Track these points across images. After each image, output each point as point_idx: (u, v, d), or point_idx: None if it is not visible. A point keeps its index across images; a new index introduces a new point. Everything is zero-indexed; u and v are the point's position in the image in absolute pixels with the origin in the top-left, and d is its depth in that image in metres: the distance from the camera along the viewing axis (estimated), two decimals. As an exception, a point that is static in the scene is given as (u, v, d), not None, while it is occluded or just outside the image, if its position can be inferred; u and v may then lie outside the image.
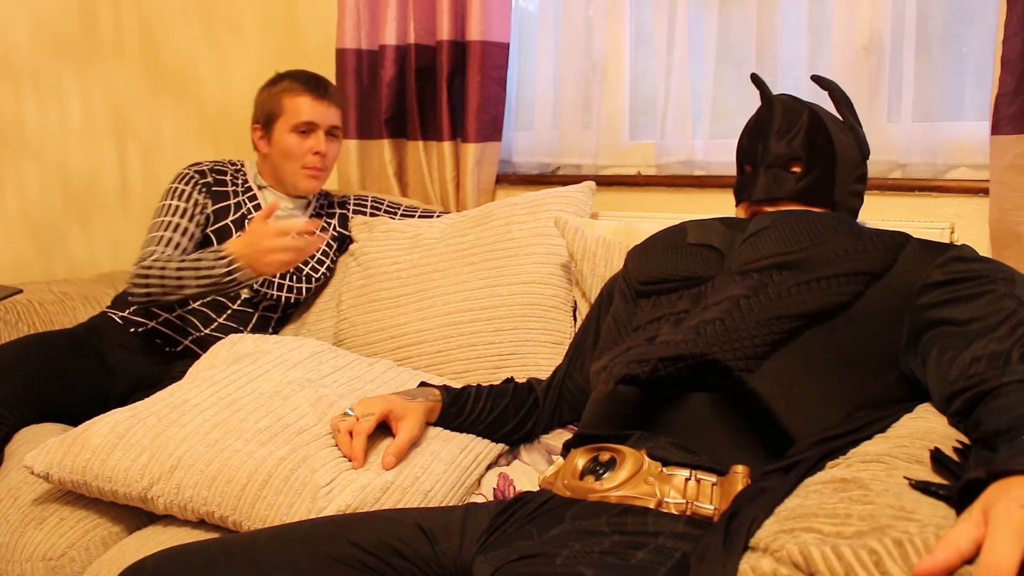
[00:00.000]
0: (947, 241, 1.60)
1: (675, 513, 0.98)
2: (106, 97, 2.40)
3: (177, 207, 1.83)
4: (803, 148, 1.27)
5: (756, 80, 1.39)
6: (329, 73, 2.14)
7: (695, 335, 1.09)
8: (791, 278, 1.10)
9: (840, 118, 1.36)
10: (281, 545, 1.01)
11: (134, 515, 1.36)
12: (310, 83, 1.89)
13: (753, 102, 1.87)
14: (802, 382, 1.04)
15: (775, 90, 1.83)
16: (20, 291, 2.01)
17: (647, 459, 1.03)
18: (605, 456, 1.06)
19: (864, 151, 1.35)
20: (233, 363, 1.48)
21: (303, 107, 1.86)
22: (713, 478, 1.00)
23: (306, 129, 1.87)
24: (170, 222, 1.80)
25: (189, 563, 0.99)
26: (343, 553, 1.00)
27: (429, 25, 2.17)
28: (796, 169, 1.28)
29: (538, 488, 1.13)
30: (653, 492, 1.00)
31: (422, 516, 1.07)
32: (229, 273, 1.63)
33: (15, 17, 2.19)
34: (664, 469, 1.02)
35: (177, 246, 1.78)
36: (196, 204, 1.84)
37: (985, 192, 1.59)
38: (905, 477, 0.84)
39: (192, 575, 0.98)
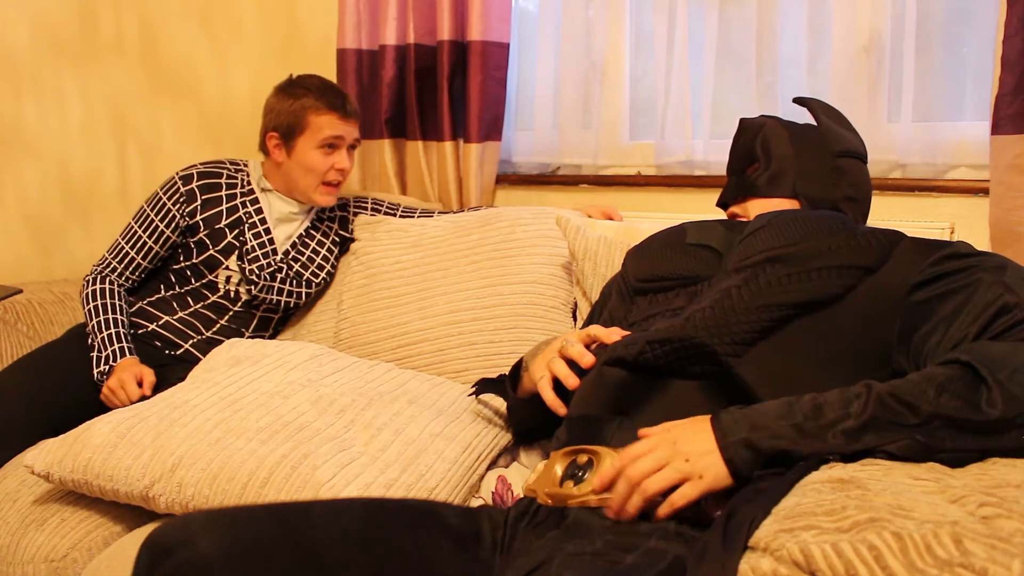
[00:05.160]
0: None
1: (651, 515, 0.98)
2: (106, 97, 2.40)
3: (149, 221, 1.88)
4: (758, 150, 1.36)
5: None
6: (329, 73, 2.14)
7: (684, 321, 1.10)
8: (782, 269, 1.11)
9: (816, 124, 1.39)
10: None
11: (135, 515, 1.36)
12: (336, 103, 1.86)
13: (753, 102, 1.89)
14: (789, 371, 1.04)
15: (775, 89, 1.87)
16: (20, 291, 2.01)
17: None
18: (583, 459, 1.06)
19: (840, 149, 1.35)
20: (233, 365, 1.49)
21: (330, 124, 1.84)
22: None
23: (333, 143, 1.85)
24: (138, 236, 1.89)
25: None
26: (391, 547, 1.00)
27: (429, 25, 2.17)
28: (754, 169, 1.36)
29: (522, 494, 1.14)
30: None
31: (459, 514, 1.09)
32: (100, 374, 1.76)
33: (15, 17, 2.19)
34: None
35: (132, 261, 1.89)
36: (172, 220, 1.86)
37: (985, 192, 1.59)
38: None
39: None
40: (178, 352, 1.87)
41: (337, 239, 2.02)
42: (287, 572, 0.95)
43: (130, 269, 1.90)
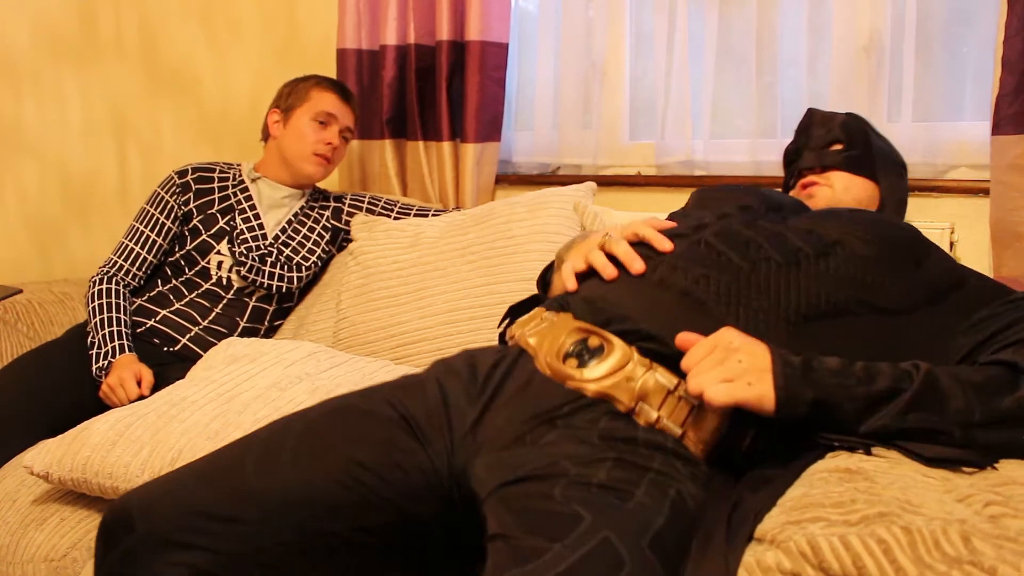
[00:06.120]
0: (948, 242, 1.61)
1: (643, 424, 0.96)
2: (106, 97, 2.40)
3: (149, 215, 1.95)
4: (842, 132, 1.39)
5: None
6: (329, 73, 2.14)
7: (752, 266, 1.07)
8: (850, 264, 1.09)
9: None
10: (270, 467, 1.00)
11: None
12: (338, 85, 2.02)
13: (753, 102, 1.89)
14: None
15: (775, 89, 1.88)
16: (20, 291, 2.01)
17: (636, 355, 1.00)
18: (595, 341, 1.02)
19: (900, 159, 1.46)
20: (230, 363, 1.49)
21: (328, 100, 1.97)
22: (695, 401, 0.97)
23: (325, 120, 1.96)
24: (140, 232, 1.95)
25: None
26: (338, 471, 0.99)
27: (429, 25, 2.17)
28: (837, 147, 1.39)
29: (512, 342, 1.10)
30: (631, 395, 0.97)
31: (400, 404, 1.05)
32: (99, 370, 1.76)
33: (15, 17, 2.19)
34: (651, 369, 0.98)
35: (137, 257, 1.93)
36: (170, 210, 1.95)
37: (985, 192, 1.59)
38: None
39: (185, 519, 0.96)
40: (176, 348, 1.87)
41: (328, 226, 2.04)
42: (229, 530, 0.96)
43: (136, 265, 1.93)
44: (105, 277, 1.90)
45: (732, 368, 0.91)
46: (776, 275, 1.07)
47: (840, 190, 1.35)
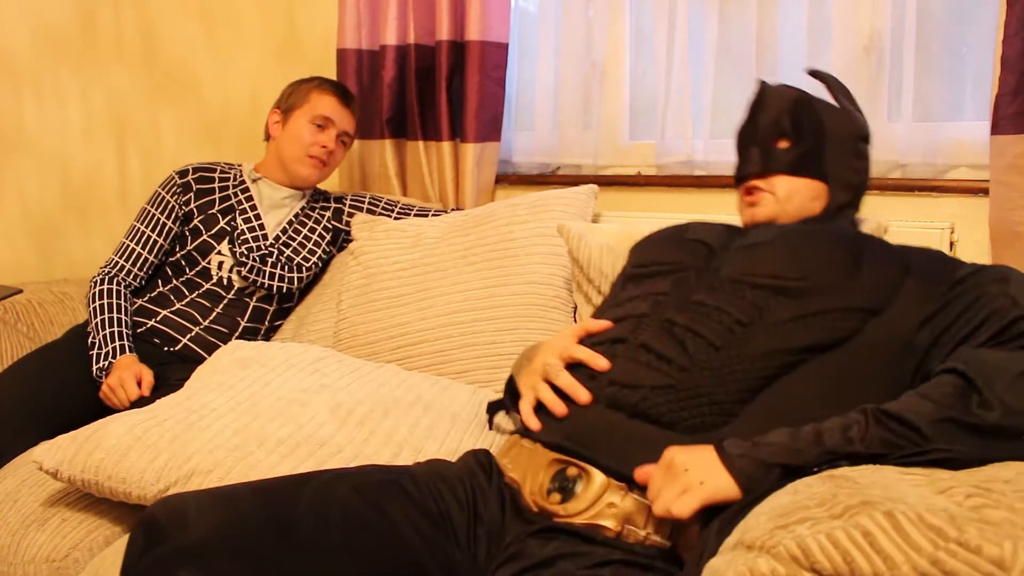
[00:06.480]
0: (948, 242, 1.61)
1: (632, 543, 1.01)
2: (106, 98, 2.40)
3: (150, 215, 1.96)
4: (789, 124, 1.31)
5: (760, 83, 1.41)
6: (329, 73, 2.14)
7: (694, 363, 1.09)
8: (788, 309, 1.10)
9: (836, 104, 1.39)
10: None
11: (137, 514, 1.35)
12: (339, 89, 2.01)
13: (753, 102, 1.88)
14: (797, 417, 1.01)
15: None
16: (20, 291, 2.01)
17: (612, 481, 1.04)
18: (573, 471, 1.06)
19: (860, 132, 1.36)
20: (242, 368, 1.46)
21: (326, 104, 1.96)
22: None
23: (322, 123, 1.96)
24: (140, 232, 1.95)
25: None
26: (382, 546, 1.01)
27: (429, 25, 2.17)
28: (784, 144, 1.32)
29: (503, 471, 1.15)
30: (617, 520, 1.01)
31: (440, 499, 1.09)
32: (99, 370, 1.76)
33: (16, 18, 2.19)
34: (628, 492, 1.03)
35: (138, 257, 1.94)
36: (171, 210, 1.95)
37: (985, 192, 1.59)
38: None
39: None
40: (176, 348, 1.87)
41: (329, 226, 2.05)
42: (270, 556, 0.96)
43: (137, 265, 1.93)
44: (106, 277, 1.90)
45: (685, 480, 0.95)
46: (718, 361, 1.08)
47: (783, 197, 1.30)
